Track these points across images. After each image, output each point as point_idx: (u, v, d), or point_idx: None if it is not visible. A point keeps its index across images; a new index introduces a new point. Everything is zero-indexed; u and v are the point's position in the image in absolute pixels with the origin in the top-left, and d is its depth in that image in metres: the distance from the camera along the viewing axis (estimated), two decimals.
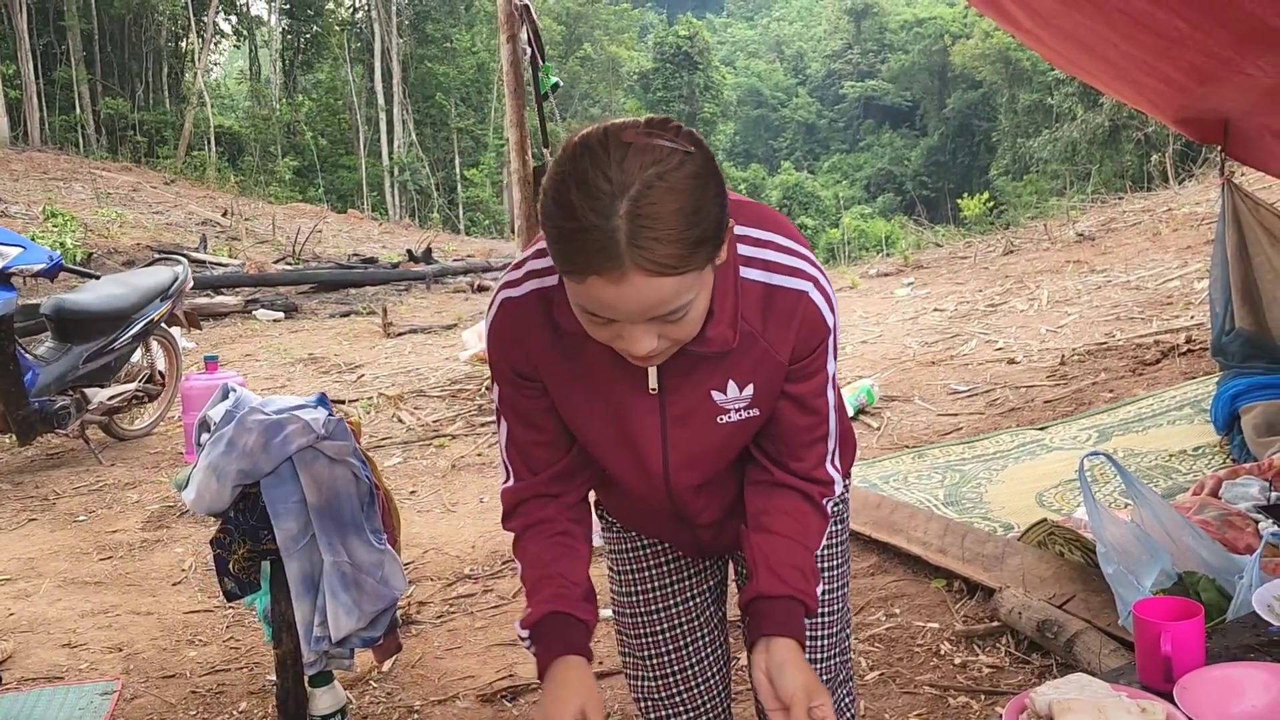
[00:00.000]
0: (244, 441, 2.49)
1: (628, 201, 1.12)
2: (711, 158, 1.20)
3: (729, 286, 1.31)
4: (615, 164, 1.13)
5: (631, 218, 1.12)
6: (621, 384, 1.38)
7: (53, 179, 17.87)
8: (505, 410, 1.47)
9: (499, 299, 1.40)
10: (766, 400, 1.41)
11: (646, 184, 1.12)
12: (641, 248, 1.12)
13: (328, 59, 34.53)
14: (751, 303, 1.34)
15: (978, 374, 6.04)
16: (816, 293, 1.36)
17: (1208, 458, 4.06)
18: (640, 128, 1.17)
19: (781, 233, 1.38)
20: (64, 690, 3.07)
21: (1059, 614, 2.76)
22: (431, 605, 3.59)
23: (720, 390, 1.38)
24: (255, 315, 10.91)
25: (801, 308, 1.35)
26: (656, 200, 1.12)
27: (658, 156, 1.14)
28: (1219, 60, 3.59)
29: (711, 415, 1.40)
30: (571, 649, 1.39)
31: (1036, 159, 29.95)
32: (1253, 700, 1.47)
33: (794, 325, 1.35)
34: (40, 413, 5.07)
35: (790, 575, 1.41)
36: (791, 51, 58.26)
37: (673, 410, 1.40)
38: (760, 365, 1.37)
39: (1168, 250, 9.10)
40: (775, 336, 1.36)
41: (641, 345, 1.22)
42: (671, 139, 1.16)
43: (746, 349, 1.35)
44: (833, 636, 1.70)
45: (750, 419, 1.42)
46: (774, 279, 1.34)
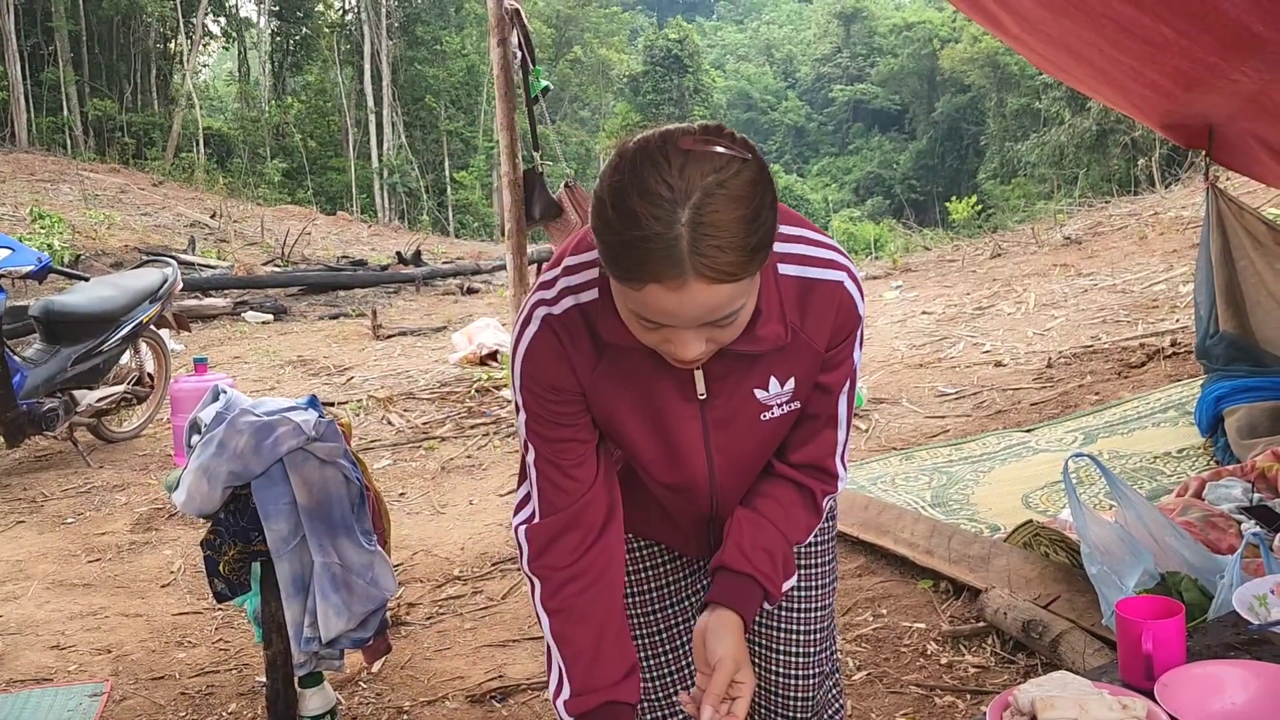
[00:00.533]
0: (235, 443, 2.50)
1: (690, 209, 1.12)
2: (765, 164, 1.21)
3: (771, 284, 1.32)
4: (676, 171, 1.13)
5: (694, 225, 1.12)
6: (667, 392, 1.39)
7: (40, 180, 17.79)
8: (534, 435, 1.42)
9: (537, 315, 1.37)
10: (806, 393, 1.44)
11: (708, 192, 1.13)
12: (703, 255, 1.13)
13: (317, 61, 34.45)
14: (790, 298, 1.35)
15: (965, 377, 6.07)
16: (851, 283, 1.39)
17: (1192, 460, 4.10)
18: (697, 135, 1.17)
19: (808, 228, 1.41)
20: (53, 692, 3.07)
21: (1044, 614, 2.78)
22: (421, 607, 3.59)
23: (763, 388, 1.40)
24: (244, 317, 10.88)
25: (838, 297, 1.38)
26: (719, 208, 1.13)
27: (718, 164, 1.15)
28: (1204, 66, 3.63)
29: (755, 414, 1.42)
30: None
31: (1024, 163, 30.10)
32: (1232, 697, 1.49)
33: (830, 314, 1.38)
34: (28, 415, 5.05)
35: (758, 557, 1.44)
36: (781, 55, 58.35)
37: (714, 415, 1.41)
38: (800, 358, 1.39)
39: (1154, 254, 9.16)
40: (815, 328, 1.38)
41: (690, 350, 1.23)
42: (728, 145, 1.17)
43: (790, 344, 1.37)
44: (824, 630, 1.73)
45: (791, 413, 1.45)
46: (810, 272, 1.36)
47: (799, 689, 1.72)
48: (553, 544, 1.44)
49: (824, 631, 1.73)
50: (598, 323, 1.32)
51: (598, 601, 1.44)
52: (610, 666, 1.43)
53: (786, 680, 1.71)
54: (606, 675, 1.42)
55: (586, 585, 1.43)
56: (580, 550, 1.43)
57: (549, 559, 1.44)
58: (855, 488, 4.15)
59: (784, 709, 1.72)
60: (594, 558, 1.44)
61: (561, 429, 1.42)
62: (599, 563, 1.44)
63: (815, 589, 1.72)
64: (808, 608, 1.71)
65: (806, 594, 1.71)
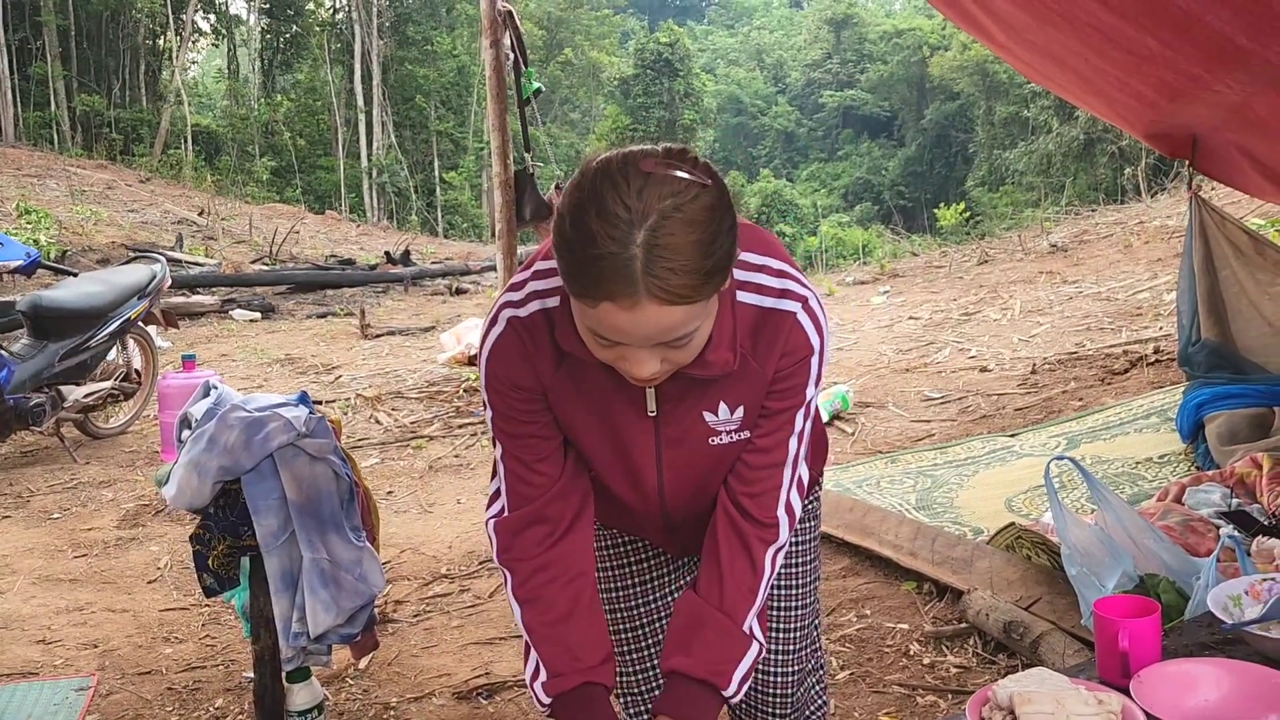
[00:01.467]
0: (225, 438, 2.51)
1: (645, 231, 1.14)
2: (726, 190, 1.23)
3: (727, 311, 1.34)
4: (634, 193, 1.16)
5: (648, 247, 1.14)
6: (620, 406, 1.41)
7: (27, 175, 17.71)
8: (500, 432, 1.46)
9: (504, 316, 1.41)
10: (755, 421, 1.44)
11: (664, 214, 1.15)
12: (656, 277, 1.15)
13: (307, 59, 34.40)
14: (744, 326, 1.36)
15: (951, 381, 6.12)
16: (804, 314, 1.38)
17: (1173, 465, 4.15)
18: (659, 157, 1.19)
19: (772, 255, 1.40)
20: (39, 686, 3.08)
21: (1025, 615, 2.82)
22: (408, 604, 3.61)
23: (711, 411, 1.41)
24: (232, 315, 10.86)
25: (788, 328, 1.37)
26: (674, 231, 1.15)
27: (676, 188, 1.17)
28: (1188, 77, 3.67)
29: (704, 437, 1.43)
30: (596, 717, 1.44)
31: (1012, 171, 30.29)
32: (1206, 694, 1.52)
33: (779, 344, 1.38)
34: (15, 410, 5.05)
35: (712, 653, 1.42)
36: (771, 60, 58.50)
37: (667, 432, 1.43)
38: (750, 387, 1.40)
39: (1139, 262, 9.24)
40: (764, 357, 1.38)
41: (645, 369, 1.25)
42: (689, 170, 1.19)
43: (740, 372, 1.38)
44: (804, 628, 1.76)
45: (742, 440, 1.45)
46: (765, 301, 1.37)
47: (778, 686, 1.74)
48: (519, 536, 1.47)
49: (804, 630, 1.76)
50: (556, 332, 1.35)
51: (566, 591, 1.46)
52: (585, 651, 1.45)
53: (765, 678, 1.74)
54: (582, 659, 1.45)
55: (554, 576, 1.46)
56: (547, 543, 1.46)
57: (516, 551, 1.47)
58: (840, 490, 4.19)
59: (763, 705, 1.75)
60: (562, 550, 1.47)
61: (525, 425, 1.45)
62: (567, 555, 1.47)
63: (795, 589, 1.74)
64: (787, 608, 1.74)
65: (786, 594, 1.73)
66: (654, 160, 1.18)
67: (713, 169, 1.23)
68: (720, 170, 1.26)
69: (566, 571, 1.46)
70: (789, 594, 1.74)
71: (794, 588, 1.74)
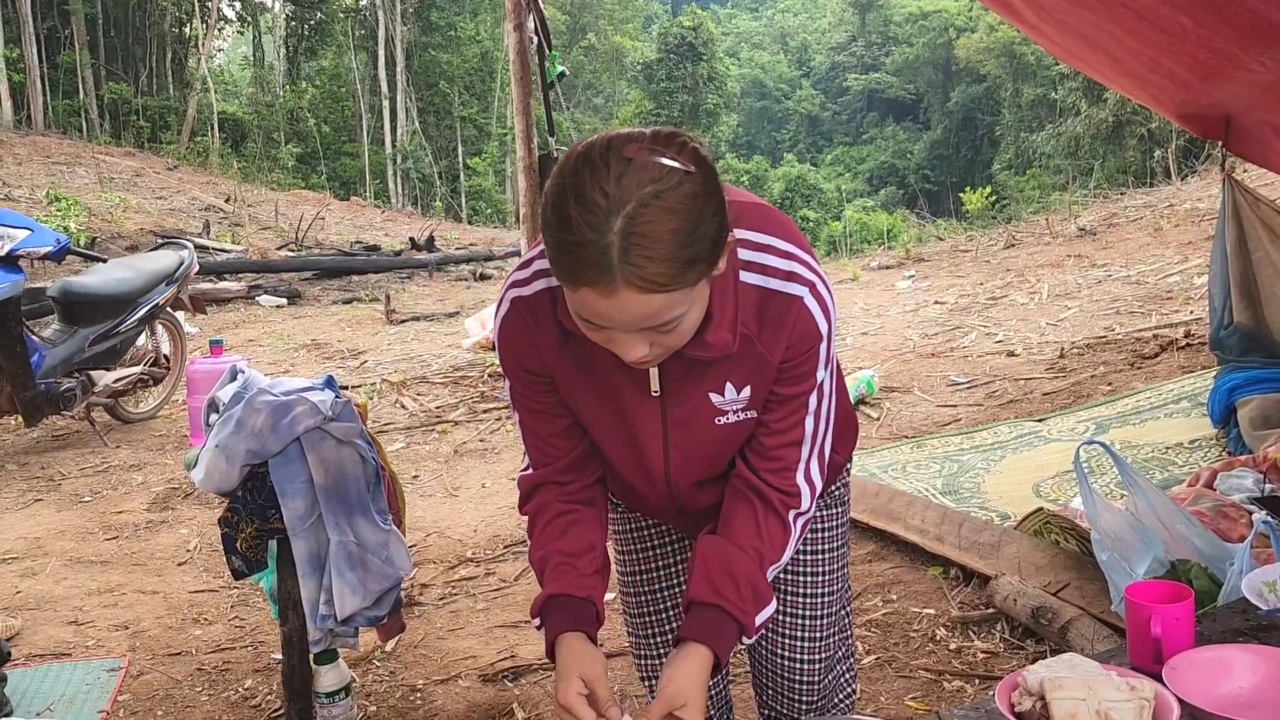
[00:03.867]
0: (252, 422, 2.52)
1: (623, 219, 1.13)
2: (713, 175, 1.20)
3: (729, 292, 1.32)
4: (614, 179, 1.14)
5: (625, 235, 1.13)
6: (625, 386, 1.41)
7: (56, 163, 17.87)
8: (517, 403, 1.49)
9: (508, 296, 1.42)
10: (763, 402, 1.42)
11: (643, 202, 1.13)
12: (633, 265, 1.14)
13: (332, 46, 34.48)
14: (749, 307, 1.34)
15: (977, 366, 6.07)
16: (811, 298, 1.35)
17: (1204, 450, 4.10)
18: (645, 141, 1.18)
19: (782, 236, 1.37)
20: (71, 666, 3.12)
21: (1053, 601, 2.80)
22: (434, 587, 3.63)
23: (718, 392, 1.40)
24: (258, 301, 10.94)
25: (795, 312, 1.34)
26: (651, 219, 1.13)
27: (656, 175, 1.15)
28: (1222, 56, 3.61)
29: (710, 417, 1.41)
30: (573, 626, 1.42)
31: (1039, 154, 29.96)
32: (1239, 681, 1.50)
33: (786, 329, 1.35)
34: (46, 394, 5.10)
35: (724, 585, 1.40)
36: (796, 44, 58.14)
37: (674, 413, 1.42)
38: (757, 368, 1.38)
39: (1169, 246, 9.13)
40: (770, 340, 1.36)
41: (632, 352, 1.24)
42: (673, 156, 1.17)
43: (744, 353, 1.36)
44: (832, 615, 1.74)
45: (748, 420, 1.43)
46: (770, 283, 1.34)
47: (804, 673, 1.73)
48: (537, 491, 1.52)
49: (831, 617, 1.74)
50: (559, 309, 1.34)
51: (579, 538, 1.48)
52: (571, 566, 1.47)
53: (791, 663, 1.73)
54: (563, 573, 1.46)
55: (569, 524, 1.49)
56: (564, 501, 1.50)
57: (534, 504, 1.52)
58: (866, 475, 4.17)
59: (789, 691, 1.74)
60: (577, 510, 1.50)
61: (538, 403, 1.47)
62: (581, 512, 1.50)
63: (822, 574, 1.72)
64: (813, 593, 1.72)
65: (812, 579, 1.72)
66: (638, 145, 1.17)
67: (701, 155, 1.20)
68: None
69: (579, 524, 1.49)
70: (816, 579, 1.72)
71: (820, 573, 1.72)
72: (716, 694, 1.81)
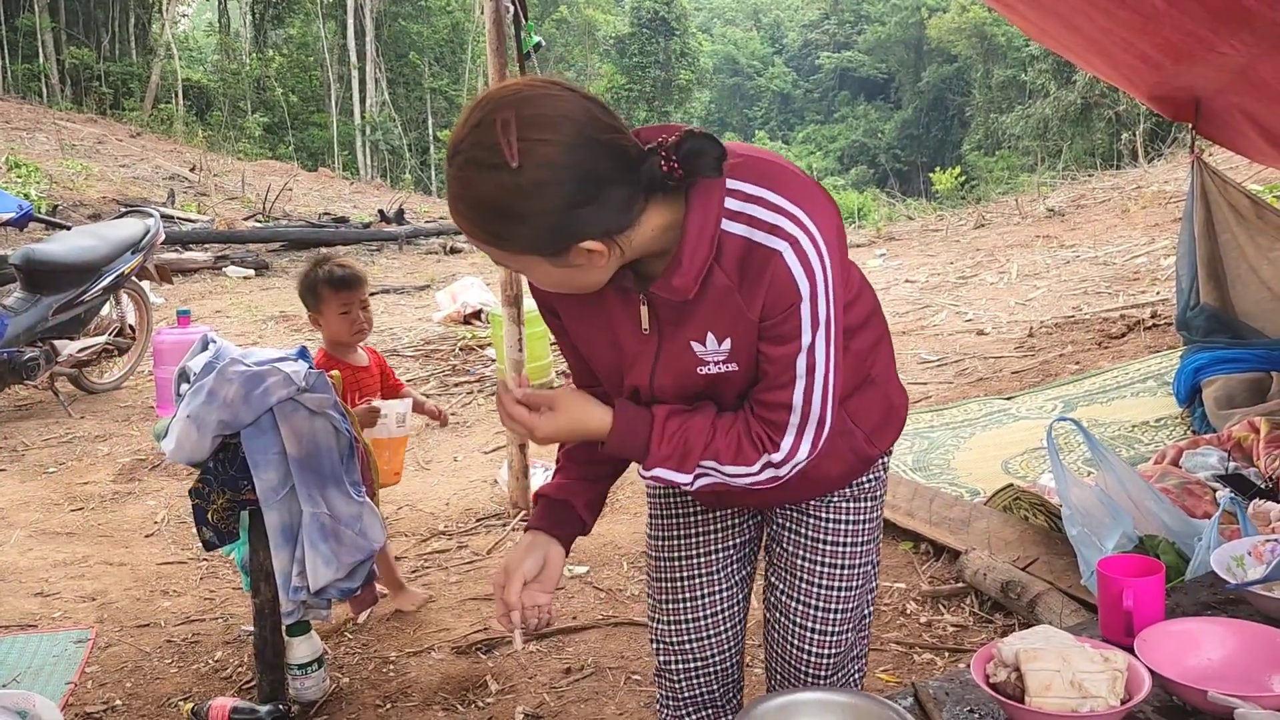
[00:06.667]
0: (224, 392, 2.49)
1: (451, 166, 1.24)
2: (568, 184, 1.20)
3: (704, 239, 1.31)
4: (465, 126, 1.22)
5: (447, 177, 1.25)
6: (621, 323, 1.44)
7: (15, 129, 17.49)
8: (554, 335, 1.59)
9: None
10: (745, 356, 1.40)
11: (460, 165, 1.22)
12: (450, 202, 1.26)
13: (299, 13, 33.89)
14: (731, 257, 1.33)
15: (947, 344, 6.12)
16: (792, 254, 1.31)
17: (1169, 429, 4.16)
18: (529, 113, 1.19)
19: (779, 191, 1.34)
20: (38, 638, 3.08)
21: (1022, 575, 2.83)
22: (406, 560, 3.62)
23: (699, 341, 1.39)
24: (225, 272, 10.81)
25: (773, 266, 1.32)
26: (458, 180, 1.23)
27: (484, 146, 1.19)
28: (1194, 38, 3.64)
29: (692, 365, 1.42)
30: (535, 523, 1.56)
31: (1009, 135, 30.12)
32: (1209, 653, 1.53)
33: (764, 283, 1.33)
34: (9, 363, 5.02)
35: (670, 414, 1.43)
36: (769, 20, 57.96)
37: (663, 355, 1.43)
38: (736, 320, 1.37)
39: (1136, 227, 9.23)
40: (749, 293, 1.34)
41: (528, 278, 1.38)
42: (524, 147, 1.18)
43: (724, 302, 1.35)
44: (849, 612, 1.69)
45: (729, 373, 1.41)
46: (755, 235, 1.32)
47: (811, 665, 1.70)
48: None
49: (848, 614, 1.69)
50: None
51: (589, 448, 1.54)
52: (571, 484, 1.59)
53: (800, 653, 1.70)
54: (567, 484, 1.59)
55: None
56: None
57: None
58: None
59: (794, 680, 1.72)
60: None
61: (562, 336, 1.57)
62: None
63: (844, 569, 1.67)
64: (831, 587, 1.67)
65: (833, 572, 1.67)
66: (507, 115, 1.19)
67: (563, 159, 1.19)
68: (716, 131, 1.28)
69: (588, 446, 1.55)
70: (838, 573, 1.67)
71: (843, 568, 1.67)
72: (726, 670, 1.79)
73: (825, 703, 1.49)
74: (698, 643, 1.74)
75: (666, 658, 1.76)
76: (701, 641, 1.74)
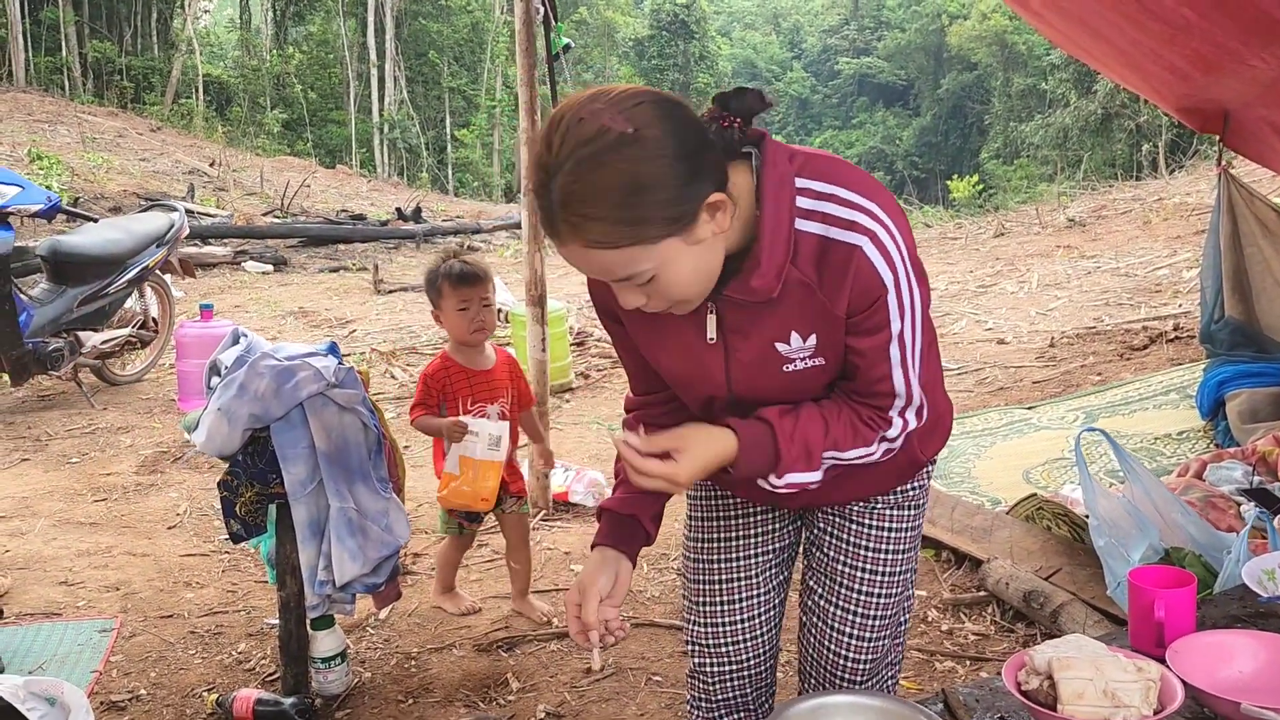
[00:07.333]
0: (255, 386, 2.51)
1: (561, 177, 1.17)
2: (675, 136, 1.20)
3: (780, 238, 1.32)
4: (560, 138, 1.18)
5: (563, 194, 1.17)
6: (688, 332, 1.43)
7: (38, 121, 17.61)
8: (614, 342, 1.61)
9: None
10: (831, 350, 1.41)
11: (578, 162, 1.17)
12: (572, 224, 1.18)
13: (320, 11, 34.01)
14: (807, 255, 1.34)
15: (967, 353, 6.11)
16: (873, 247, 1.33)
17: (1191, 442, 4.14)
18: (608, 100, 1.19)
19: (850, 187, 1.35)
20: (63, 626, 3.11)
21: (1045, 585, 2.83)
22: (426, 557, 3.63)
23: (783, 341, 1.40)
24: (244, 267, 10.86)
25: (855, 262, 1.33)
26: (582, 179, 1.17)
27: (593, 135, 1.17)
28: (1224, 51, 3.63)
29: (777, 365, 1.42)
30: (603, 539, 1.55)
31: (1027, 144, 30.01)
32: (1240, 666, 1.53)
33: (846, 278, 1.34)
34: (34, 354, 5.06)
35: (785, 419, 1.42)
36: (788, 25, 57.93)
37: (737, 357, 1.43)
38: (819, 317, 1.38)
39: (1158, 239, 9.18)
40: (831, 289, 1.35)
41: (626, 300, 1.30)
42: (624, 116, 1.18)
43: (806, 300, 1.36)
44: (888, 618, 1.69)
45: (816, 368, 1.43)
46: (831, 232, 1.33)
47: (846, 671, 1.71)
48: (637, 406, 1.65)
49: (884, 621, 1.69)
50: None
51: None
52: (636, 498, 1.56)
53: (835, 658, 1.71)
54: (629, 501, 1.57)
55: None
56: (659, 410, 1.61)
57: (633, 414, 1.64)
58: None
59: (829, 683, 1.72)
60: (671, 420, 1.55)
61: (626, 342, 1.58)
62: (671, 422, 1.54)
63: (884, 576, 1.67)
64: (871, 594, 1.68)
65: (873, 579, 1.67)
66: (598, 103, 1.19)
67: (660, 114, 1.20)
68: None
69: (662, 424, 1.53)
70: (878, 579, 1.67)
71: (883, 574, 1.67)
72: (761, 674, 1.79)
73: (856, 706, 1.50)
74: (734, 646, 1.74)
75: (701, 660, 1.76)
76: (739, 645, 1.75)
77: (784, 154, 1.35)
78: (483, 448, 2.87)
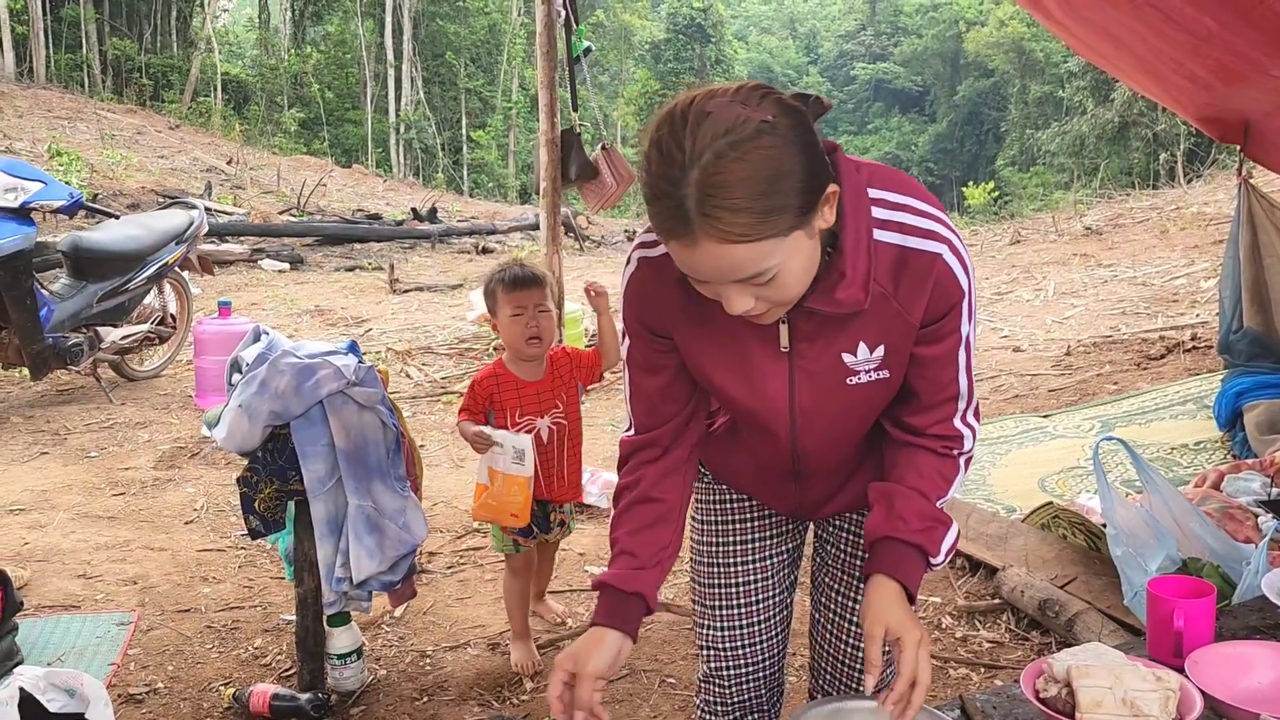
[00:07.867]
0: (276, 383, 2.54)
1: (698, 170, 1.14)
2: (801, 124, 1.20)
3: (862, 249, 1.32)
4: (690, 132, 1.16)
5: (701, 187, 1.14)
6: (752, 343, 1.42)
7: (58, 118, 17.75)
8: (631, 362, 1.54)
9: (635, 258, 1.45)
10: (897, 362, 1.42)
11: (718, 153, 1.14)
12: (710, 217, 1.15)
13: (338, 11, 34.18)
14: (884, 265, 1.35)
15: (983, 360, 6.10)
16: (951, 255, 1.35)
17: (1208, 452, 4.13)
18: (730, 95, 1.19)
19: (918, 196, 1.38)
20: (81, 619, 3.13)
21: (1061, 594, 2.83)
22: (441, 556, 3.65)
23: (850, 352, 1.40)
24: (261, 265, 10.91)
25: (936, 270, 1.35)
26: (724, 170, 1.14)
27: (731, 125, 1.15)
28: (1246, 61, 3.62)
29: (842, 377, 1.42)
30: (605, 619, 1.45)
31: (1044, 151, 29.92)
32: (1260, 677, 1.53)
33: (928, 287, 1.35)
34: (54, 348, 5.10)
35: (896, 520, 1.43)
36: (805, 29, 57.92)
37: (802, 369, 1.43)
38: (891, 327, 1.38)
39: (1175, 248, 9.14)
40: (908, 298, 1.36)
41: (735, 305, 1.25)
42: (754, 107, 1.18)
43: (877, 310, 1.36)
44: None
45: (880, 380, 1.43)
46: (909, 241, 1.34)
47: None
48: (635, 455, 1.55)
49: None
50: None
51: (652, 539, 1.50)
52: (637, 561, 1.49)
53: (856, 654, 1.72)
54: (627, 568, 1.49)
55: (654, 519, 1.51)
56: (657, 477, 1.53)
57: (629, 473, 1.55)
58: None
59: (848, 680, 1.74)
60: (663, 502, 1.52)
61: (654, 362, 1.51)
62: (667, 503, 1.52)
63: None
64: None
65: None
66: (721, 98, 1.18)
67: (786, 104, 1.21)
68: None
69: (654, 493, 1.51)
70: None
71: None
72: (773, 675, 1.80)
73: (874, 710, 1.50)
74: (750, 647, 1.75)
75: (717, 663, 1.77)
76: (754, 646, 1.75)
77: (852, 165, 1.35)
78: (506, 460, 2.77)
